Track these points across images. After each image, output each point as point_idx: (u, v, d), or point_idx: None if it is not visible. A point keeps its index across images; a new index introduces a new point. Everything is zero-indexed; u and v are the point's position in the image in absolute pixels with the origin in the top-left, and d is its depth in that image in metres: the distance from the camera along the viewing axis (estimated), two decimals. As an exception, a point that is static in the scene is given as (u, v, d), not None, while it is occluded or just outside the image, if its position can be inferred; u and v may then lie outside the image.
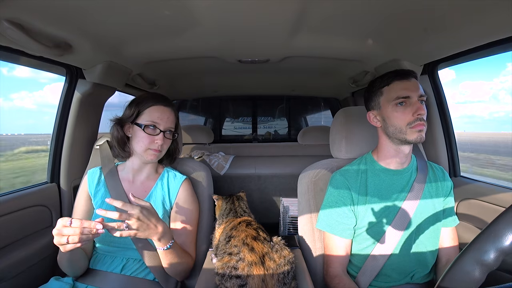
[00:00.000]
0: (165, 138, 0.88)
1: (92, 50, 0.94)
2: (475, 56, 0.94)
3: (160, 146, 0.86)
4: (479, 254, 0.38)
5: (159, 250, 0.77)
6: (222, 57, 1.17)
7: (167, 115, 0.88)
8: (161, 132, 0.86)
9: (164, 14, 0.74)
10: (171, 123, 0.90)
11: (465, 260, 0.39)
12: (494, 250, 0.37)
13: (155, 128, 0.86)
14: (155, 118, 0.85)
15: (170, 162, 1.00)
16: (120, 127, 0.88)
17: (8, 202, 0.93)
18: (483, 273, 0.38)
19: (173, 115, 0.91)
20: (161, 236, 0.73)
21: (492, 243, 0.38)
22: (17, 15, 0.67)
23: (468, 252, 0.39)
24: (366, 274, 0.79)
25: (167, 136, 0.89)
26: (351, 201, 0.82)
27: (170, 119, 0.89)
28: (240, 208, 0.94)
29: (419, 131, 0.74)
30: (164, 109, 0.88)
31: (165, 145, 0.89)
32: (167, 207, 0.90)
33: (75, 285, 0.80)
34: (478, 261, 0.38)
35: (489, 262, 0.37)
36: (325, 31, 0.88)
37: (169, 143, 0.92)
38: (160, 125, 0.86)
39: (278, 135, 2.79)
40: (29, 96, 13.34)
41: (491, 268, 0.38)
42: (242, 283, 0.65)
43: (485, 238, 0.39)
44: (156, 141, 0.85)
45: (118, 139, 0.89)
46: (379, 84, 0.80)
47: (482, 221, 0.94)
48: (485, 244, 0.38)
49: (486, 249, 0.38)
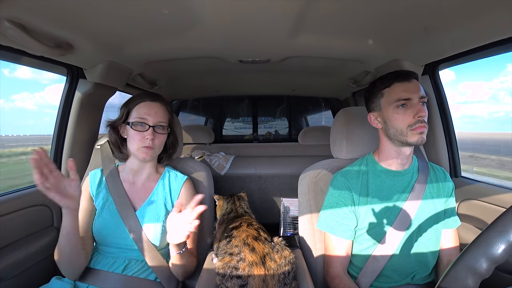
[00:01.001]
0: (156, 133, 0.86)
1: (93, 49, 0.94)
2: (476, 56, 0.94)
3: (151, 143, 0.84)
4: (472, 262, 0.39)
5: (174, 254, 0.77)
6: (223, 57, 1.17)
7: (154, 109, 0.86)
8: (150, 128, 0.84)
9: (165, 14, 0.74)
10: (161, 117, 0.87)
11: (458, 268, 0.40)
12: (486, 259, 0.38)
13: (144, 125, 0.84)
14: (143, 114, 0.85)
15: (168, 158, 0.98)
16: (113, 129, 0.90)
17: (9, 202, 0.94)
18: (475, 282, 0.38)
19: (163, 109, 0.89)
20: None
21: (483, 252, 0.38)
22: (19, 15, 0.67)
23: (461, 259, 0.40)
24: (367, 275, 0.79)
25: (159, 131, 0.87)
26: (351, 202, 0.82)
27: (158, 113, 0.87)
28: (241, 208, 0.94)
29: (420, 133, 0.74)
30: (151, 104, 0.87)
31: (157, 141, 0.87)
32: (169, 207, 0.89)
33: (76, 285, 0.80)
34: (471, 269, 0.38)
35: (481, 271, 0.38)
36: (326, 31, 0.88)
37: (163, 139, 0.89)
38: (148, 121, 0.85)
39: (278, 135, 2.79)
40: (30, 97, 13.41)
41: (484, 277, 0.38)
42: (243, 283, 0.65)
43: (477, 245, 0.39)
44: (146, 137, 0.84)
45: (113, 142, 0.91)
46: (380, 85, 0.80)
47: (483, 222, 0.94)
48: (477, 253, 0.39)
49: (478, 258, 0.38)
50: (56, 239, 0.98)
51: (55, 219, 1.10)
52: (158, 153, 0.91)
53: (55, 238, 1.06)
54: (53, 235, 1.06)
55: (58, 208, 1.13)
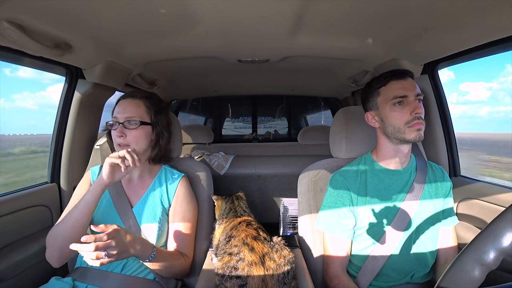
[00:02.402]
0: (127, 130, 0.83)
1: (92, 50, 0.94)
2: (475, 55, 0.94)
3: (124, 140, 0.82)
4: (479, 254, 0.38)
5: (145, 263, 0.76)
6: (222, 57, 1.16)
7: (123, 106, 0.85)
8: (119, 125, 0.83)
9: (164, 14, 0.74)
10: (129, 112, 0.84)
11: (464, 260, 0.39)
12: (494, 250, 0.37)
13: (115, 123, 0.85)
14: (115, 113, 0.86)
15: (152, 152, 0.91)
16: (108, 134, 0.93)
17: (8, 202, 0.94)
18: (482, 273, 0.38)
19: (133, 104, 0.86)
20: (141, 252, 0.72)
21: (491, 243, 0.38)
22: (17, 15, 0.67)
23: (468, 252, 0.39)
24: (366, 274, 0.79)
25: (130, 126, 0.83)
26: (350, 201, 0.82)
27: (127, 109, 0.85)
28: (240, 208, 0.94)
29: (417, 130, 0.75)
30: (122, 102, 0.87)
31: (130, 138, 0.83)
32: (165, 205, 0.90)
33: (75, 284, 0.80)
34: (478, 261, 0.38)
35: (489, 262, 0.37)
36: (325, 31, 0.88)
37: (137, 134, 0.84)
38: (118, 118, 0.84)
39: (278, 135, 2.79)
40: (30, 97, 13.42)
41: (491, 268, 0.38)
42: (242, 283, 0.65)
43: (484, 238, 0.39)
44: (116, 134, 0.83)
45: (110, 145, 0.94)
46: (376, 84, 0.81)
47: (482, 221, 0.94)
48: (485, 244, 0.38)
49: (486, 249, 0.38)
50: None
51: (55, 220, 1.10)
52: (141, 149, 0.86)
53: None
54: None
55: (57, 208, 1.13)
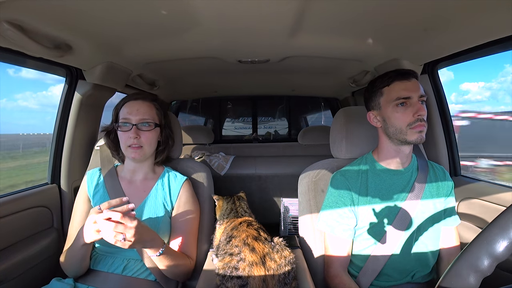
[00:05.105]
0: (141, 131, 0.85)
1: (92, 51, 0.94)
2: (475, 55, 0.94)
3: (137, 141, 0.83)
4: (473, 261, 0.39)
5: (153, 257, 0.77)
6: (222, 57, 1.16)
7: (136, 107, 0.86)
8: (133, 126, 0.84)
9: (164, 14, 0.74)
10: (144, 114, 0.86)
11: (460, 266, 0.40)
12: (488, 257, 0.38)
13: (128, 124, 0.85)
14: (125, 114, 0.85)
15: (160, 154, 0.94)
16: (106, 134, 0.92)
17: (8, 203, 0.93)
18: (477, 280, 0.38)
19: (146, 106, 0.87)
20: (152, 244, 0.73)
21: (485, 249, 0.38)
22: (17, 16, 0.67)
23: (463, 258, 0.40)
24: (367, 274, 0.79)
25: (144, 128, 0.85)
26: (351, 201, 0.81)
27: (140, 110, 0.85)
28: (240, 208, 0.94)
29: (419, 131, 0.74)
30: (133, 103, 0.87)
31: (144, 139, 0.85)
32: (168, 207, 0.89)
33: (76, 286, 0.80)
34: (472, 268, 0.38)
35: (483, 269, 0.38)
36: (325, 31, 0.88)
37: (150, 136, 0.87)
38: (131, 120, 0.84)
39: (278, 135, 2.79)
40: (33, 97, 13.41)
41: (485, 275, 0.38)
42: (243, 283, 0.65)
43: (478, 245, 0.39)
44: (130, 135, 0.83)
45: (109, 146, 0.93)
46: (379, 84, 0.80)
47: (483, 221, 0.94)
48: (479, 251, 0.39)
49: (479, 255, 0.38)
50: (56, 240, 0.98)
51: (55, 220, 1.10)
52: (151, 151, 0.90)
53: (55, 239, 1.07)
54: (53, 236, 1.06)
55: (58, 209, 1.13)
